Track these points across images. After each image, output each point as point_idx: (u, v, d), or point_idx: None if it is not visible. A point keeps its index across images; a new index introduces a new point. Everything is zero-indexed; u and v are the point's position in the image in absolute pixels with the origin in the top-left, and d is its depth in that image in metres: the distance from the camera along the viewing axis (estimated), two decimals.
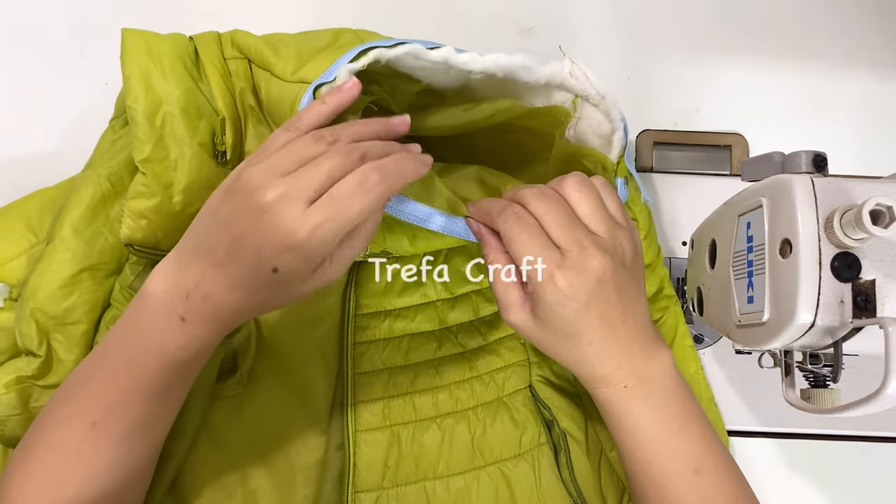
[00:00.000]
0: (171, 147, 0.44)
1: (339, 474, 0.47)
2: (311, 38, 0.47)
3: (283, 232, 0.33)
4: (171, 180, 0.44)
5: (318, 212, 0.33)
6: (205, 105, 0.45)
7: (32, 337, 0.44)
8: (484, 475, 0.47)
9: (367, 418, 0.48)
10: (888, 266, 0.35)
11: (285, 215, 0.33)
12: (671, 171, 0.61)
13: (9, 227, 0.49)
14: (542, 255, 0.37)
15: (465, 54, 0.43)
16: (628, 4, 0.64)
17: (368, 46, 0.41)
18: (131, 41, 0.45)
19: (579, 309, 0.37)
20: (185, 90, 0.44)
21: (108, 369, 0.38)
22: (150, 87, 0.44)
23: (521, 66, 0.44)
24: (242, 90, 0.47)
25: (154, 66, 0.44)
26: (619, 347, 0.39)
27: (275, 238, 0.33)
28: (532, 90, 0.47)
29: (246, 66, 0.47)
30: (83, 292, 0.45)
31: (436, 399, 0.50)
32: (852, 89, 0.63)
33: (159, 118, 0.44)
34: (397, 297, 0.52)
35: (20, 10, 0.61)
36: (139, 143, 0.43)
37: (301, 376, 0.50)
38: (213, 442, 0.47)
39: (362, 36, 0.48)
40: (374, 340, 0.51)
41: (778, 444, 0.57)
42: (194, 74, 0.46)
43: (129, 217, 0.44)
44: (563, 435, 0.48)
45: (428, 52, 0.42)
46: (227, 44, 0.48)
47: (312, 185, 0.34)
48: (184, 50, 0.46)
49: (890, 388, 0.32)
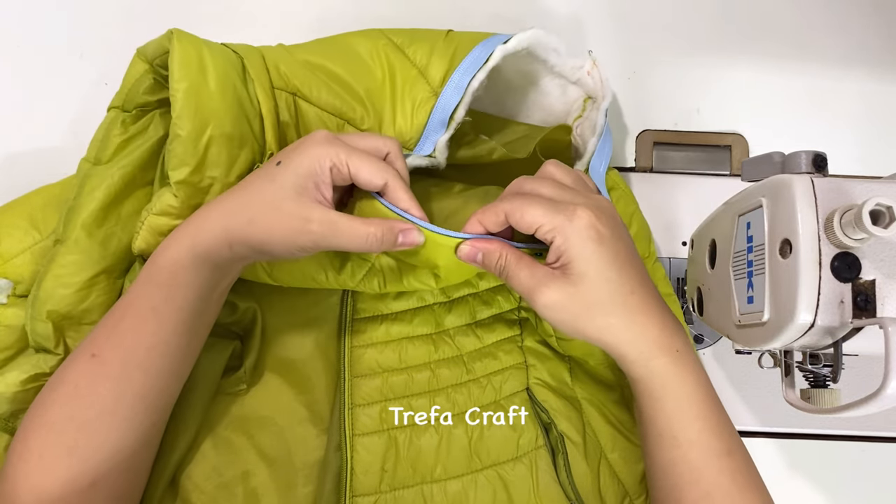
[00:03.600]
0: (208, 172, 0.42)
1: (339, 475, 0.47)
2: (359, 73, 0.47)
3: (307, 137, 0.40)
4: (199, 202, 0.42)
5: (338, 141, 0.39)
6: (248, 134, 0.43)
7: (49, 337, 0.44)
8: (481, 478, 0.47)
9: (364, 422, 0.48)
10: (888, 266, 0.35)
11: (318, 134, 0.40)
12: (671, 171, 0.61)
13: (12, 223, 0.49)
14: (555, 210, 0.37)
15: (512, 41, 0.47)
16: (628, 5, 0.64)
17: (453, 110, 0.46)
18: (182, 48, 0.41)
19: (612, 244, 0.37)
20: (232, 117, 0.42)
21: (113, 307, 0.41)
22: (199, 107, 0.41)
23: (553, 48, 0.47)
24: (285, 125, 0.45)
25: (205, 85, 0.41)
26: (657, 300, 0.39)
27: (299, 142, 0.40)
28: (552, 79, 0.48)
29: (291, 102, 0.46)
30: (100, 294, 0.45)
31: (433, 402, 0.50)
32: (852, 89, 0.63)
33: (203, 141, 0.41)
34: (394, 301, 0.52)
35: (20, 10, 0.61)
36: (178, 162, 0.41)
37: (303, 375, 0.50)
38: (214, 438, 0.47)
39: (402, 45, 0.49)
40: (370, 344, 0.51)
41: (778, 444, 0.57)
42: (244, 100, 0.43)
43: (148, 231, 0.42)
44: (561, 437, 0.48)
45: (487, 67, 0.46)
46: (273, 70, 0.45)
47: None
48: (234, 70, 0.43)
49: (890, 388, 0.32)
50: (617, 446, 0.48)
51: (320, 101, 0.46)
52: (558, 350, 0.52)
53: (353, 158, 0.39)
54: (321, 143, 0.39)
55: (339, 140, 0.40)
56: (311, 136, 0.40)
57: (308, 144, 0.39)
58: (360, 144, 0.41)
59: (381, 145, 0.42)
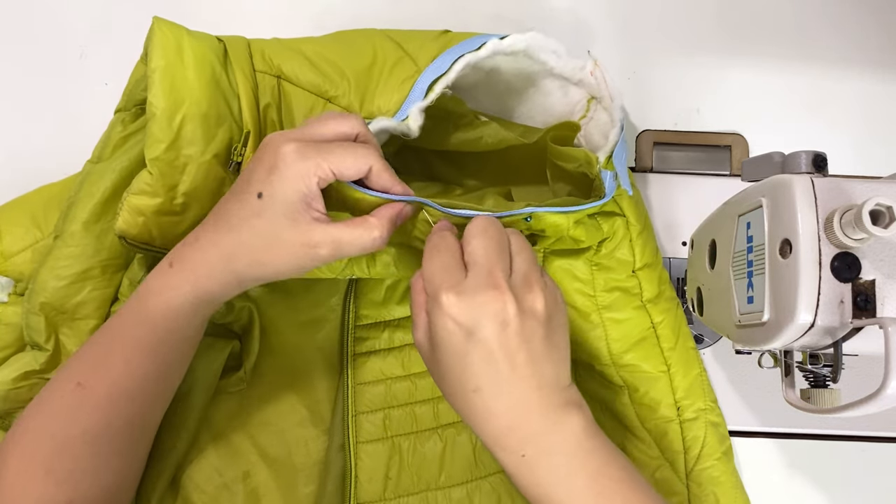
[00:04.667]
0: (183, 149, 0.43)
1: (341, 475, 0.47)
2: (350, 57, 0.46)
3: (271, 153, 0.37)
4: (176, 182, 0.43)
5: (310, 148, 0.37)
6: (226, 114, 0.44)
7: (41, 331, 0.44)
8: (485, 485, 0.47)
9: (368, 429, 0.48)
10: (888, 266, 0.35)
11: (284, 147, 0.36)
12: (671, 172, 0.61)
13: (14, 221, 0.49)
14: (441, 275, 0.35)
15: (507, 39, 0.45)
16: (628, 5, 0.64)
17: (433, 81, 0.44)
18: (161, 33, 0.43)
19: (464, 341, 0.34)
20: (209, 95, 0.43)
21: (99, 335, 0.40)
22: (173, 86, 0.42)
23: (552, 50, 0.46)
24: (268, 106, 0.45)
25: (181, 65, 0.42)
26: (514, 407, 0.35)
27: (264, 160, 0.37)
28: (553, 80, 0.48)
29: (275, 84, 0.46)
30: (94, 288, 0.45)
31: (436, 409, 0.50)
32: (852, 89, 0.63)
33: (178, 119, 0.42)
34: (396, 307, 0.52)
35: (20, 9, 0.61)
36: (153, 140, 0.42)
37: (304, 375, 0.50)
38: (215, 438, 0.47)
39: (394, 37, 0.48)
40: (373, 351, 0.51)
41: (778, 444, 0.57)
42: (222, 80, 0.44)
43: (128, 212, 0.43)
44: None
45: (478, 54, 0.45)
46: (257, 55, 0.46)
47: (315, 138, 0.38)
48: (213, 52, 0.44)
49: (890, 388, 0.32)
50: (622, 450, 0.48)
51: (301, 81, 0.46)
52: None
53: (332, 161, 0.37)
54: (294, 159, 0.36)
55: (309, 146, 0.37)
56: (278, 153, 0.36)
57: (283, 165, 0.36)
58: (326, 134, 0.38)
59: (347, 128, 0.39)
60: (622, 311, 0.49)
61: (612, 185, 0.46)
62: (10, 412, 0.43)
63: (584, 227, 0.46)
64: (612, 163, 0.47)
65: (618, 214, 0.49)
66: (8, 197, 0.51)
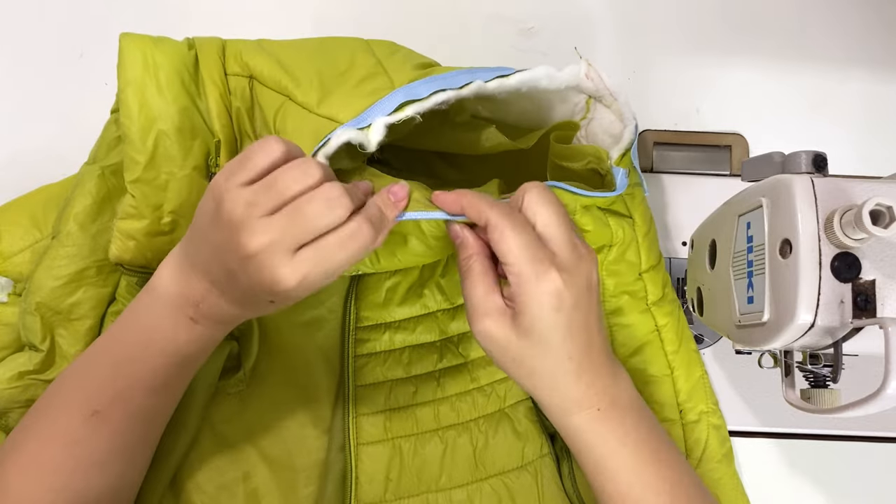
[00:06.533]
0: (162, 167, 0.42)
1: (342, 476, 0.47)
2: (324, 59, 0.45)
3: (270, 280, 0.33)
4: (160, 201, 0.42)
5: (306, 263, 0.33)
6: (200, 125, 0.43)
7: (36, 331, 0.44)
8: (486, 487, 0.47)
9: (369, 431, 0.48)
10: (888, 266, 0.35)
11: (272, 266, 0.33)
12: (671, 171, 0.61)
13: (13, 221, 0.49)
14: (536, 253, 0.35)
15: (493, 82, 0.43)
16: (628, 4, 0.64)
17: (405, 101, 0.40)
18: (128, 50, 0.42)
19: (568, 313, 0.36)
20: (180, 108, 0.42)
21: (112, 361, 0.39)
22: (144, 103, 0.42)
23: (543, 76, 0.44)
24: (238, 110, 0.45)
25: (150, 81, 0.42)
26: (593, 364, 0.37)
27: (263, 283, 0.33)
28: (551, 93, 0.48)
29: (246, 85, 0.45)
30: (89, 288, 0.45)
31: (437, 411, 0.50)
32: (852, 89, 0.63)
33: (152, 137, 0.42)
34: (397, 309, 0.52)
35: (20, 9, 0.61)
36: (130, 161, 0.42)
37: (304, 375, 0.50)
38: (215, 438, 0.47)
39: (377, 52, 0.46)
40: (374, 353, 0.51)
41: (778, 444, 0.57)
42: (192, 90, 0.44)
43: (119, 238, 0.42)
44: (566, 446, 0.48)
45: (460, 93, 0.42)
46: (231, 58, 0.45)
47: (298, 238, 0.33)
48: (182, 63, 0.43)
49: (890, 388, 0.32)
50: None
51: (268, 80, 0.44)
52: None
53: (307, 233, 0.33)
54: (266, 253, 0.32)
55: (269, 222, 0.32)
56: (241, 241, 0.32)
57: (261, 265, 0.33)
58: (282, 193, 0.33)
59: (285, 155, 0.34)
60: (628, 315, 0.49)
61: (623, 182, 0.45)
62: (4, 412, 0.43)
63: (592, 217, 0.46)
64: (627, 159, 0.46)
65: (625, 216, 0.49)
66: (8, 197, 0.51)
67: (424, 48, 0.50)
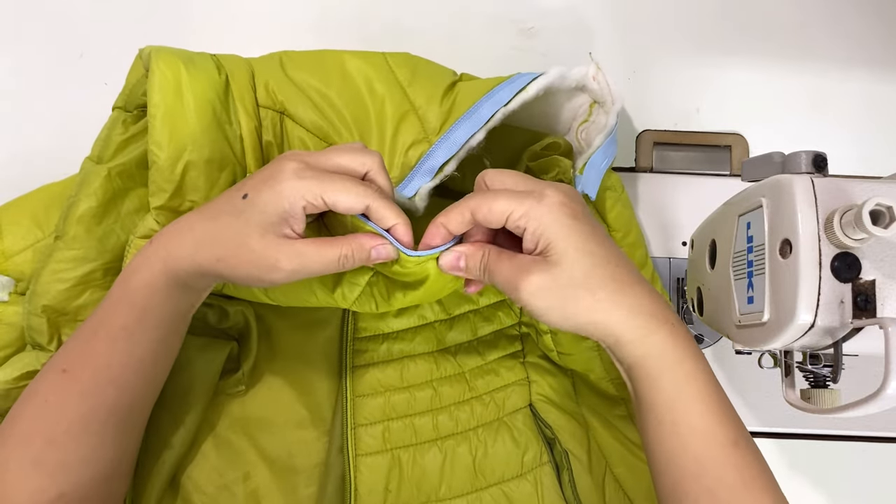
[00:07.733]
0: (187, 196, 0.42)
1: (342, 477, 0.47)
2: (352, 100, 0.45)
3: (275, 165, 0.38)
4: None
5: (310, 171, 0.37)
6: (229, 157, 0.43)
7: (43, 332, 0.44)
8: (486, 496, 0.47)
9: (367, 442, 0.48)
10: (888, 266, 0.35)
11: (287, 164, 0.37)
12: (671, 172, 0.61)
13: (15, 221, 0.49)
14: (523, 196, 0.37)
15: (514, 101, 0.44)
16: (628, 4, 0.64)
17: (444, 163, 0.43)
18: (159, 72, 0.41)
19: (584, 220, 0.37)
20: (210, 140, 0.42)
21: (84, 322, 0.40)
22: (174, 131, 0.41)
23: (557, 77, 0.46)
24: (269, 145, 0.45)
25: (181, 108, 0.41)
26: (641, 277, 0.38)
27: (267, 169, 0.38)
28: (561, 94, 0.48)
29: (277, 120, 0.45)
30: (96, 290, 0.45)
31: (436, 421, 0.50)
32: (852, 89, 0.63)
33: (181, 166, 0.42)
34: (395, 319, 0.52)
35: (20, 9, 0.61)
36: (156, 188, 0.42)
37: (303, 376, 0.50)
38: (215, 439, 0.47)
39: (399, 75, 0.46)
40: (372, 363, 0.51)
41: (778, 444, 0.57)
42: (223, 119, 0.43)
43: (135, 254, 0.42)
44: (565, 454, 0.48)
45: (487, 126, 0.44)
46: (261, 87, 0.45)
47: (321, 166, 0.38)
48: (213, 90, 0.43)
49: (890, 388, 0.32)
50: (623, 461, 0.48)
51: (305, 122, 0.45)
52: (560, 364, 0.51)
53: (328, 191, 0.36)
54: (290, 177, 0.37)
55: (311, 170, 0.37)
56: (280, 167, 0.37)
57: (277, 179, 0.37)
58: (334, 164, 0.38)
59: (358, 165, 0.39)
60: None
61: (588, 188, 0.46)
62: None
63: None
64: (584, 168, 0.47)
65: None
66: (8, 197, 0.51)
67: (424, 48, 0.50)
